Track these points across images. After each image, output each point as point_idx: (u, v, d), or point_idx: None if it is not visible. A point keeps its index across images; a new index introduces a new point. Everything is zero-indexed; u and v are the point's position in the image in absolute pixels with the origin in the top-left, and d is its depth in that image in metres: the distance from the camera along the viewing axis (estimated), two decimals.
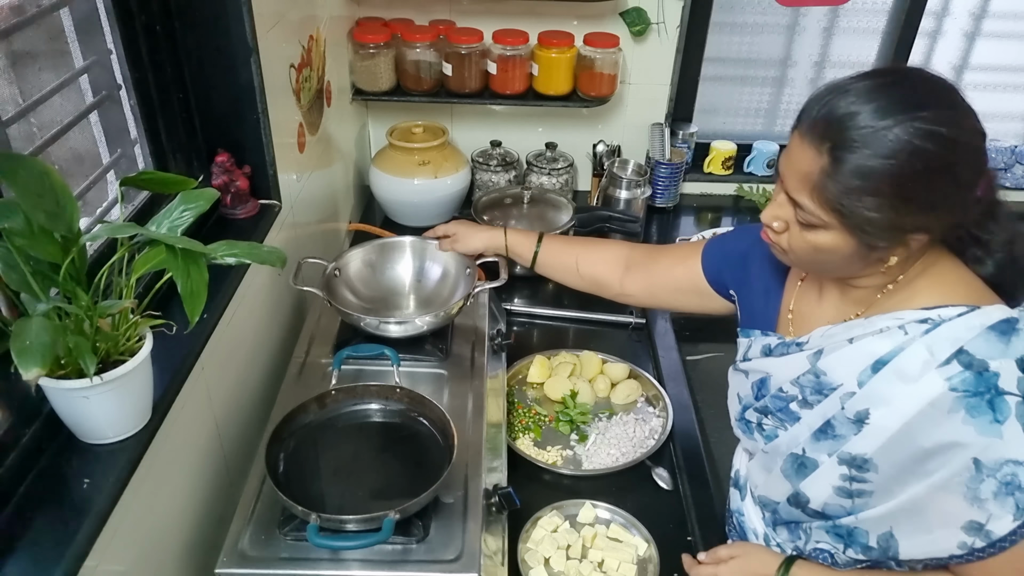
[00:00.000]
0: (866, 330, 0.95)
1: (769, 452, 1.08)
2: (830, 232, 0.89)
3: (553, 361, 1.64)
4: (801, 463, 1.02)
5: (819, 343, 1.01)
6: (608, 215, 1.99)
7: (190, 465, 1.15)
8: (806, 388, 1.02)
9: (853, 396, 0.95)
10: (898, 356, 0.91)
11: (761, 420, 1.10)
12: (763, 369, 1.09)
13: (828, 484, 0.99)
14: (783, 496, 1.06)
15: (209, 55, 1.29)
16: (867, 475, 0.95)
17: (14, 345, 0.74)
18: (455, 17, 2.08)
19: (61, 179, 0.81)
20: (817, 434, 0.99)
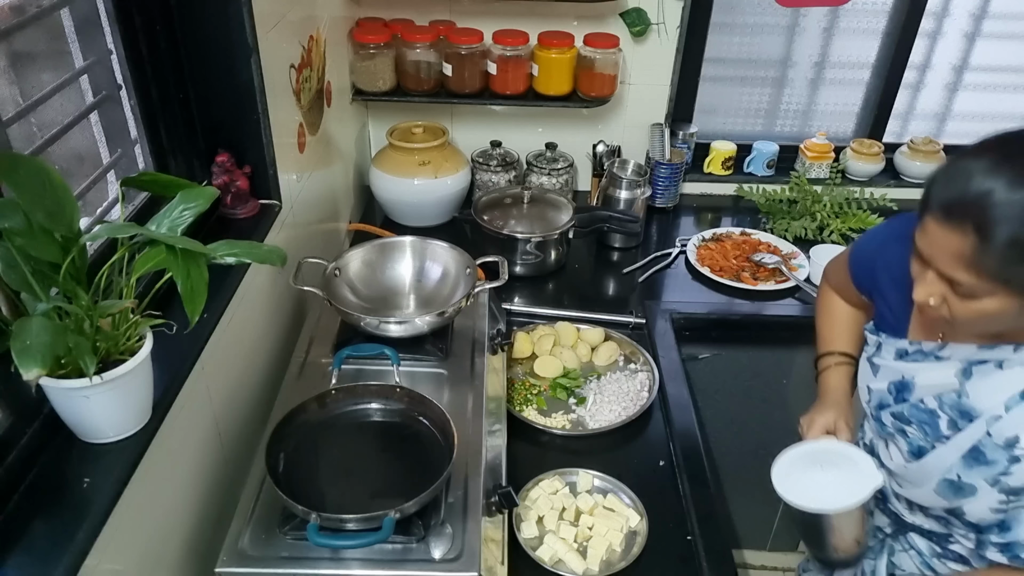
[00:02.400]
0: (1015, 359, 0.98)
1: (917, 468, 1.10)
2: (995, 298, 0.90)
3: (533, 335, 1.70)
4: (959, 487, 1.05)
5: (963, 360, 1.03)
6: (608, 215, 1.99)
7: (190, 464, 1.15)
8: (948, 407, 1.05)
9: (999, 420, 0.98)
10: None
11: (903, 428, 1.12)
12: (901, 371, 1.11)
13: (986, 507, 1.04)
14: (936, 506, 1.11)
15: (209, 55, 1.29)
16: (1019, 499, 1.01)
17: (14, 345, 0.74)
18: (455, 17, 2.08)
19: (61, 179, 0.81)
20: (968, 460, 1.02)
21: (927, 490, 1.09)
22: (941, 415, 1.06)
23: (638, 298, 1.90)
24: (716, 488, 1.38)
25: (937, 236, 0.90)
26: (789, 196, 2.25)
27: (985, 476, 1.01)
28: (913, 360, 1.09)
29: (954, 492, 1.05)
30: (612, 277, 2.01)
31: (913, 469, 1.11)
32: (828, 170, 2.30)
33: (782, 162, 2.34)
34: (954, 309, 0.94)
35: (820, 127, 2.36)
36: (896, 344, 1.12)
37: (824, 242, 2.11)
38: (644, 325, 1.77)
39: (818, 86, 2.34)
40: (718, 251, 2.06)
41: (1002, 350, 0.99)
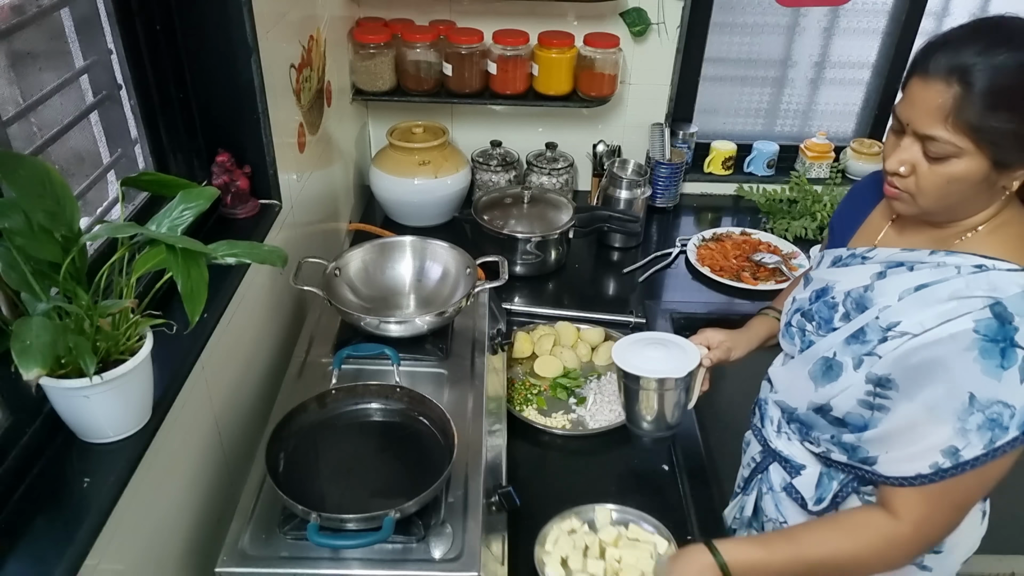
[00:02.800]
0: (927, 264, 1.05)
1: (803, 359, 1.16)
2: (963, 158, 0.96)
3: (533, 335, 1.70)
4: (829, 366, 1.11)
5: (884, 261, 1.10)
6: (608, 215, 1.99)
7: (190, 464, 1.15)
8: (851, 300, 1.11)
9: (888, 308, 1.05)
10: (940, 283, 1.01)
11: (804, 326, 1.18)
12: (827, 278, 1.17)
13: (853, 397, 1.08)
14: (804, 400, 1.15)
15: (209, 55, 1.29)
16: (890, 392, 1.04)
17: (14, 345, 0.74)
18: (455, 17, 2.08)
19: (61, 179, 0.81)
20: (849, 339, 1.09)
21: (802, 375, 1.15)
22: (840, 309, 1.12)
23: (638, 298, 1.90)
24: (716, 488, 1.38)
25: (920, 94, 0.98)
26: (789, 196, 2.25)
27: (853, 354, 1.07)
28: (844, 265, 1.16)
29: (823, 373, 1.11)
30: (612, 277, 2.01)
31: (797, 360, 1.17)
32: (828, 170, 2.30)
33: (782, 162, 2.34)
34: (922, 178, 1.00)
35: (820, 127, 2.36)
36: (835, 252, 1.20)
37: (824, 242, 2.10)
38: (644, 325, 1.77)
39: (818, 86, 2.34)
40: (718, 251, 2.06)
41: (919, 253, 1.07)
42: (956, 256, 1.03)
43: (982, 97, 0.93)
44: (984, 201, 1.02)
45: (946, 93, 0.94)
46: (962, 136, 0.95)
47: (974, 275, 1.00)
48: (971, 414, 0.97)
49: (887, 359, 1.03)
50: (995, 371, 0.95)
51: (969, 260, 1.02)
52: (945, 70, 0.94)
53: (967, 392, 0.97)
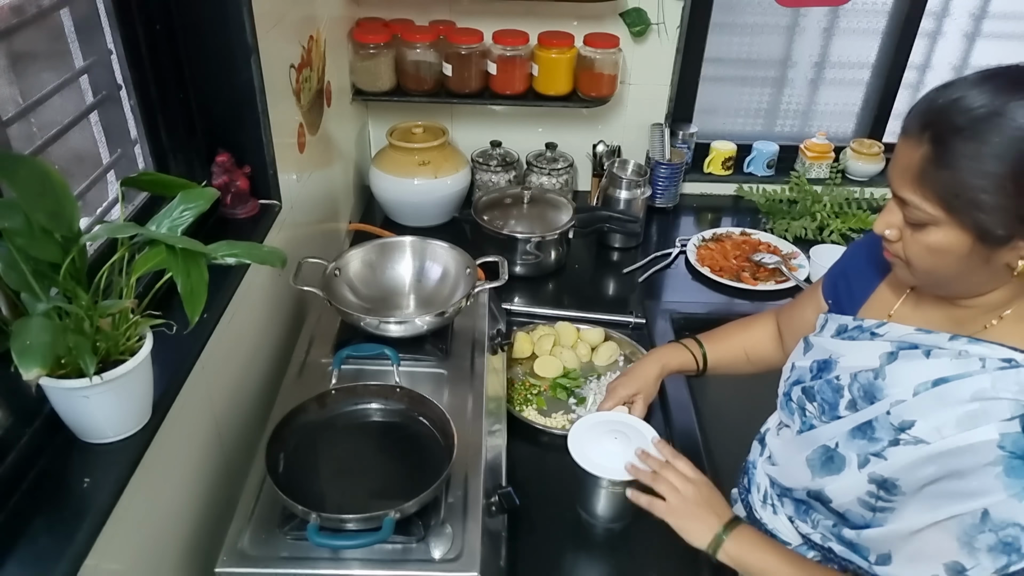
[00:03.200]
0: (946, 351, 0.92)
1: (801, 441, 1.06)
2: (941, 229, 0.85)
3: (533, 335, 1.70)
4: (829, 457, 1.00)
5: (896, 340, 0.98)
6: (608, 215, 1.99)
7: (190, 464, 1.15)
8: (859, 387, 0.99)
9: (903, 403, 0.93)
10: (962, 379, 0.89)
11: (804, 405, 1.08)
12: (830, 349, 1.06)
13: (853, 494, 0.98)
14: (801, 485, 1.05)
15: (209, 55, 1.29)
16: (894, 498, 0.94)
17: (14, 345, 0.74)
18: (455, 17, 2.08)
19: (61, 179, 0.81)
20: (854, 432, 0.97)
21: (799, 459, 1.05)
22: (846, 394, 1.01)
23: (638, 298, 1.90)
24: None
25: (898, 150, 0.87)
26: (789, 196, 2.25)
27: (859, 451, 0.96)
28: (848, 338, 1.05)
29: (823, 463, 1.01)
30: (612, 277, 2.01)
31: (795, 441, 1.07)
32: (828, 170, 2.30)
33: (782, 162, 2.34)
34: (907, 245, 0.90)
35: (820, 127, 2.36)
36: (840, 320, 1.08)
37: (824, 242, 2.10)
38: (644, 325, 1.77)
39: (818, 86, 2.34)
40: (718, 251, 2.06)
41: (937, 336, 0.94)
42: (981, 345, 0.89)
43: (954, 160, 0.81)
44: (987, 278, 0.89)
45: (915, 152, 0.84)
46: (932, 203, 0.84)
47: (1002, 371, 0.86)
48: (981, 532, 0.85)
49: (894, 463, 0.92)
50: (1020, 493, 0.83)
51: (996, 352, 0.88)
52: (919, 124, 0.84)
53: (981, 507, 0.85)
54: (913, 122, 0.85)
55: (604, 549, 1.29)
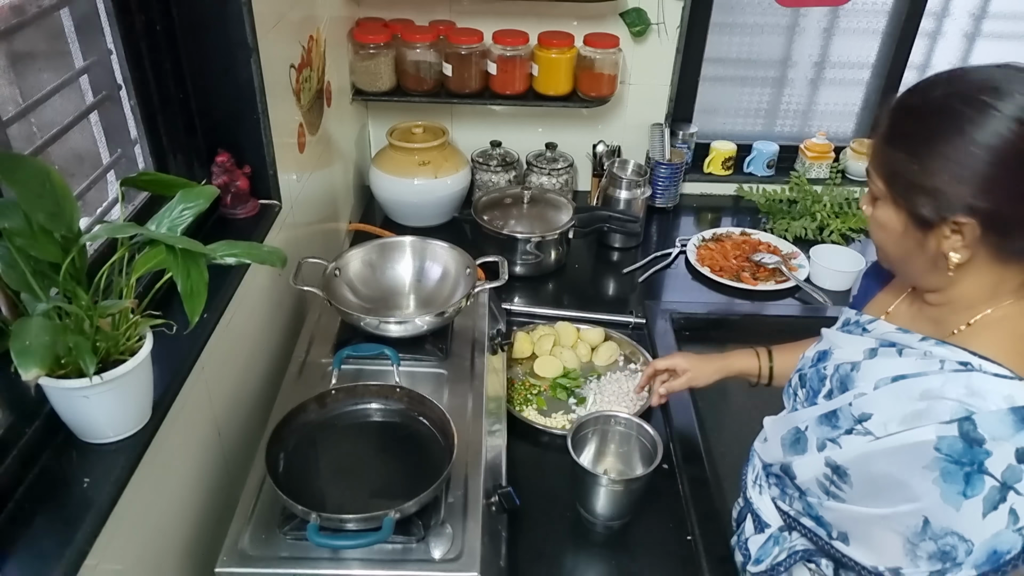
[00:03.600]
0: (915, 352, 0.94)
1: (784, 420, 1.11)
2: (884, 204, 0.92)
3: (533, 335, 1.70)
4: (797, 439, 1.04)
5: (879, 337, 1.01)
6: (608, 215, 1.99)
7: (190, 465, 1.15)
8: (839, 378, 1.02)
9: (864, 396, 0.95)
10: (916, 378, 0.90)
11: (797, 390, 1.12)
12: (832, 341, 1.09)
13: (812, 474, 1.01)
14: (776, 460, 1.09)
15: (209, 55, 1.29)
16: (844, 486, 0.96)
17: (14, 345, 0.74)
18: (455, 17, 2.08)
19: (61, 179, 0.81)
20: (822, 418, 1.00)
21: (774, 438, 1.10)
22: (828, 384, 1.04)
23: (638, 298, 1.90)
24: (716, 488, 1.38)
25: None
26: (789, 196, 2.25)
27: (820, 436, 0.99)
28: (846, 331, 1.08)
29: (791, 443, 1.05)
30: (612, 277, 2.01)
31: (781, 420, 1.12)
32: (828, 170, 2.30)
33: (782, 162, 2.34)
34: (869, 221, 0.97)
35: (820, 127, 2.36)
36: (847, 314, 1.12)
37: (824, 242, 2.11)
38: (644, 325, 1.77)
39: (818, 86, 2.34)
40: (718, 251, 2.06)
41: (910, 336, 0.96)
42: (944, 348, 0.91)
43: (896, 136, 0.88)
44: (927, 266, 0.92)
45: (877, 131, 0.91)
46: (879, 177, 0.91)
47: (955, 374, 0.87)
48: (923, 540, 0.87)
49: (847, 453, 0.95)
50: (955, 499, 0.83)
51: (956, 355, 0.89)
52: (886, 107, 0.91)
53: (921, 516, 0.87)
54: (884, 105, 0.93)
55: (604, 548, 1.29)
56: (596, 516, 1.29)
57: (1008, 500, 0.81)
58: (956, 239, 0.86)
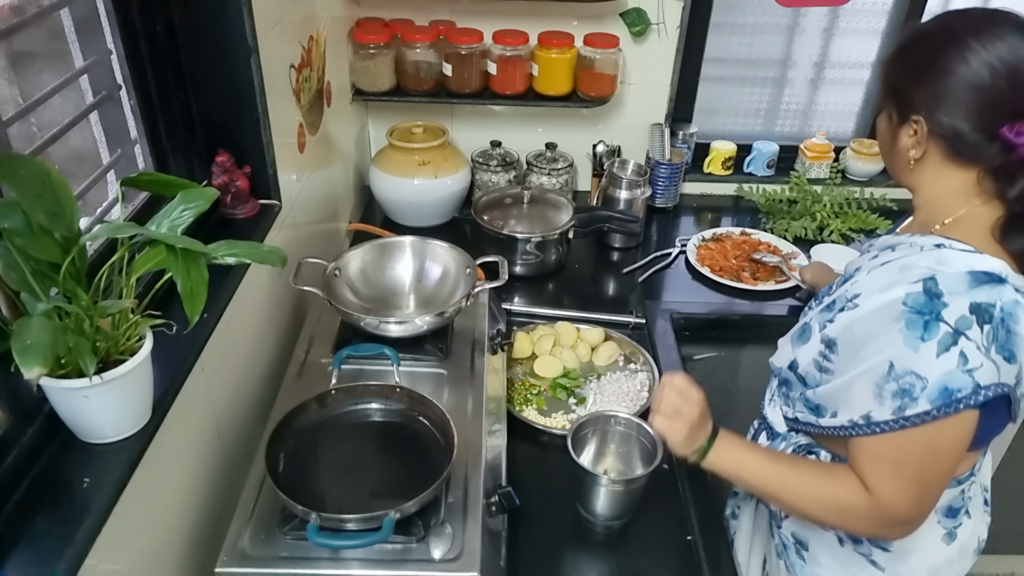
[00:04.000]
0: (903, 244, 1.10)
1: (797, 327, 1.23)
2: (883, 115, 1.12)
3: (533, 335, 1.70)
4: (804, 330, 1.19)
5: (880, 245, 1.16)
6: (608, 215, 1.99)
7: (190, 464, 1.15)
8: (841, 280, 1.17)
9: (856, 282, 1.10)
10: (898, 259, 1.06)
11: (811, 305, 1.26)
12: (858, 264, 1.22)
13: (811, 357, 1.14)
14: (785, 361, 1.21)
15: (209, 55, 1.29)
16: (833, 356, 1.10)
17: (15, 345, 0.74)
18: (455, 17, 2.08)
19: (61, 179, 0.81)
20: (823, 309, 1.16)
21: (787, 341, 1.24)
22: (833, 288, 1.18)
23: (638, 298, 1.90)
24: (716, 488, 1.38)
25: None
26: (789, 196, 2.25)
27: (820, 321, 1.14)
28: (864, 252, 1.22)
29: (799, 335, 1.19)
30: (612, 277, 2.01)
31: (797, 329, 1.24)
32: (828, 170, 2.30)
33: (782, 162, 2.34)
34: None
35: (820, 127, 2.36)
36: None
37: (824, 242, 2.11)
38: (644, 325, 1.77)
39: (818, 86, 2.34)
40: (718, 251, 2.06)
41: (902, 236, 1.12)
42: (925, 237, 1.07)
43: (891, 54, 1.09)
44: (900, 164, 1.11)
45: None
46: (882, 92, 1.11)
47: (928, 251, 1.04)
48: (887, 382, 1.00)
49: (837, 325, 1.08)
50: (914, 342, 0.97)
51: (933, 240, 1.05)
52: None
53: (888, 361, 1.00)
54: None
55: (604, 548, 1.29)
56: (596, 516, 1.29)
57: (959, 344, 0.96)
58: (912, 137, 1.06)
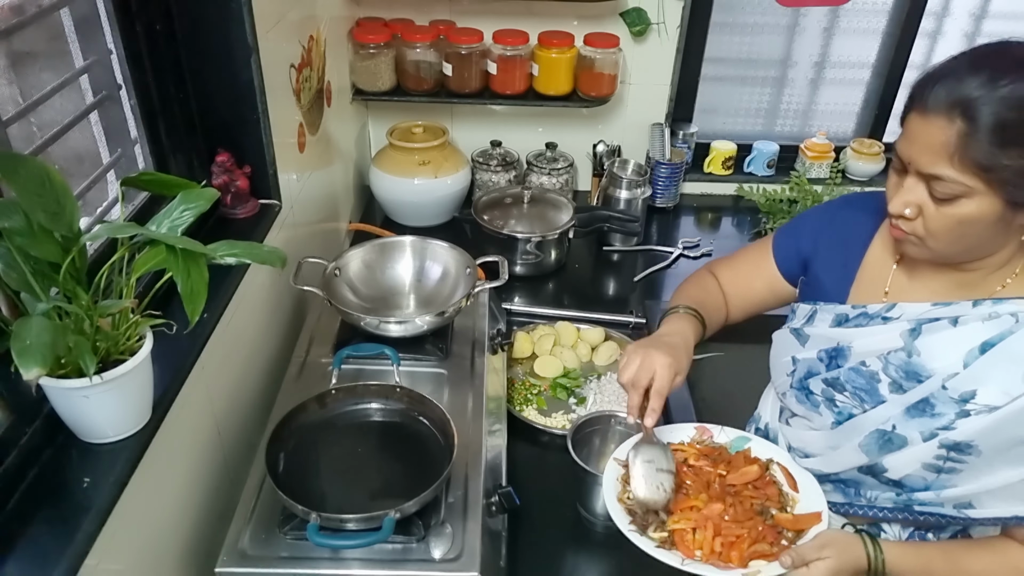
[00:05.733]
0: (972, 315, 0.97)
1: (845, 431, 1.08)
2: (974, 198, 0.90)
3: (533, 335, 1.70)
4: (888, 439, 1.02)
5: (913, 319, 1.01)
6: (608, 215, 1.99)
7: (190, 464, 1.15)
8: (896, 368, 1.02)
9: (956, 376, 0.96)
10: (1007, 339, 0.94)
11: (833, 396, 1.09)
12: (836, 338, 1.08)
13: (918, 461, 1.01)
14: (853, 466, 1.07)
15: (209, 55, 1.29)
16: (966, 457, 0.97)
17: (14, 345, 0.74)
18: (455, 17, 2.08)
19: (61, 179, 0.81)
20: (911, 411, 1.00)
21: (849, 446, 1.06)
22: (883, 377, 1.03)
23: (638, 298, 1.90)
24: None
25: (921, 132, 0.91)
26: (789, 196, 2.25)
27: (923, 429, 0.99)
28: (854, 325, 1.07)
29: (881, 446, 1.03)
30: (612, 277, 2.01)
31: (837, 432, 1.09)
32: (828, 170, 2.30)
33: (782, 162, 2.34)
34: (930, 220, 0.94)
35: (820, 127, 2.36)
36: (835, 310, 1.10)
37: None
38: (644, 325, 1.77)
39: (818, 86, 2.34)
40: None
41: (960, 306, 0.98)
42: (1008, 303, 0.95)
43: (989, 133, 0.86)
44: (1003, 240, 0.95)
45: (949, 130, 0.88)
46: (970, 175, 0.88)
47: None
48: None
49: (968, 430, 0.96)
50: None
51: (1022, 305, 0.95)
52: (946, 105, 0.88)
53: None
54: (935, 104, 0.89)
55: (604, 548, 1.29)
56: (596, 516, 1.29)
57: None
58: None
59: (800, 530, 1.05)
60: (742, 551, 1.02)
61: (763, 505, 1.08)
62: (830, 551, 1.00)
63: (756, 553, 1.02)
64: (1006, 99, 0.85)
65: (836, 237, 1.15)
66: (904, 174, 0.95)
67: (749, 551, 1.02)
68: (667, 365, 1.08)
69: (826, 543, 1.01)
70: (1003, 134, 0.86)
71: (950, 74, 0.89)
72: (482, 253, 1.56)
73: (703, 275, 1.34)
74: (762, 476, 1.11)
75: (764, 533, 1.04)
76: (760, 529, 1.04)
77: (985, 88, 0.86)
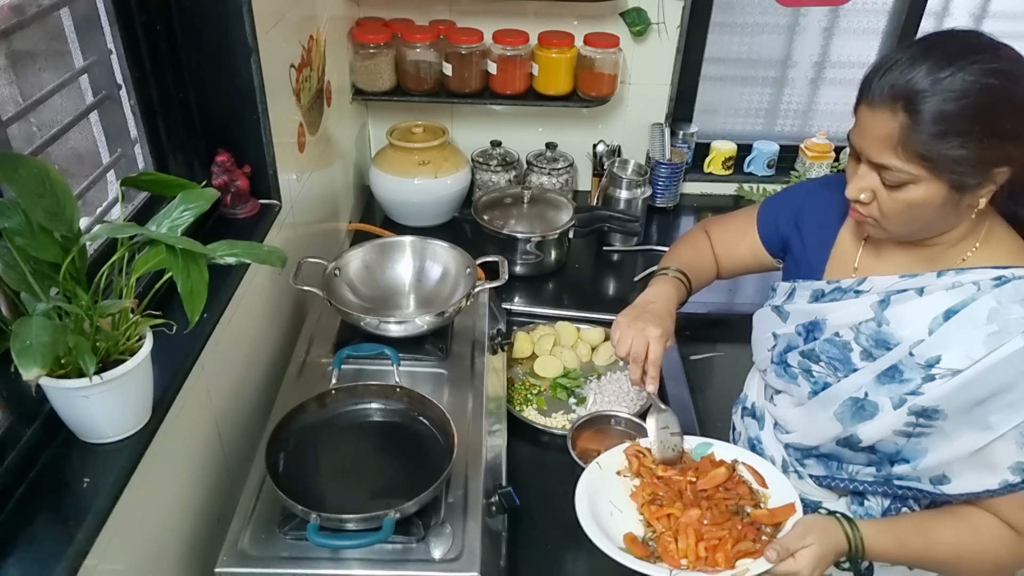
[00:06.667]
0: (937, 285, 1.02)
1: (820, 400, 1.12)
2: (920, 185, 0.94)
3: (533, 335, 1.70)
4: (861, 406, 1.07)
5: (882, 291, 1.06)
6: (608, 215, 1.99)
7: (190, 464, 1.15)
8: (866, 338, 1.07)
9: (922, 343, 1.01)
10: (969, 306, 0.98)
11: (810, 367, 1.13)
12: (813, 313, 1.13)
13: (888, 428, 1.04)
14: (829, 437, 1.11)
15: (209, 55, 1.29)
16: (933, 423, 1.01)
17: (14, 345, 0.74)
18: (455, 17, 2.08)
19: (61, 179, 0.81)
20: (881, 377, 1.04)
21: (824, 416, 1.10)
22: (855, 347, 1.08)
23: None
24: None
25: (869, 123, 0.96)
26: None
27: (892, 395, 1.03)
28: (830, 299, 1.12)
29: (853, 413, 1.07)
30: (612, 277, 2.01)
31: (814, 402, 1.12)
32: (828, 170, 2.30)
33: (782, 162, 2.34)
34: (883, 204, 0.99)
35: (820, 127, 2.36)
36: (812, 286, 1.16)
37: None
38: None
39: (818, 86, 2.34)
40: None
41: (924, 277, 1.03)
42: (969, 273, 1.00)
43: (930, 125, 0.90)
44: (954, 218, 1.00)
45: (893, 122, 0.92)
46: (915, 164, 0.93)
47: (999, 288, 0.97)
48: None
49: (934, 394, 1.00)
50: None
51: (985, 274, 0.99)
52: (889, 97, 0.92)
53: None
54: (880, 97, 0.93)
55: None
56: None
57: None
58: (991, 187, 0.95)
59: (778, 523, 1.07)
60: (727, 552, 1.03)
61: (737, 505, 1.10)
62: (812, 537, 1.03)
63: (741, 552, 1.03)
64: (945, 91, 0.89)
65: (814, 216, 1.21)
66: (859, 162, 1.00)
67: (734, 551, 1.03)
68: (659, 337, 1.17)
69: (807, 530, 1.04)
70: (943, 125, 0.90)
71: (894, 66, 0.93)
72: (482, 253, 1.56)
73: (697, 233, 1.40)
74: (731, 477, 1.14)
75: (744, 531, 1.05)
76: (740, 528, 1.06)
77: (926, 81, 0.90)
